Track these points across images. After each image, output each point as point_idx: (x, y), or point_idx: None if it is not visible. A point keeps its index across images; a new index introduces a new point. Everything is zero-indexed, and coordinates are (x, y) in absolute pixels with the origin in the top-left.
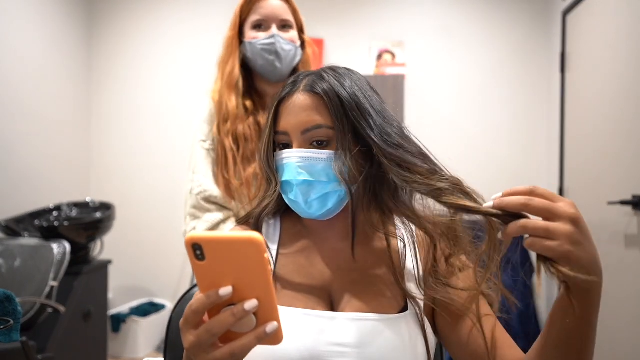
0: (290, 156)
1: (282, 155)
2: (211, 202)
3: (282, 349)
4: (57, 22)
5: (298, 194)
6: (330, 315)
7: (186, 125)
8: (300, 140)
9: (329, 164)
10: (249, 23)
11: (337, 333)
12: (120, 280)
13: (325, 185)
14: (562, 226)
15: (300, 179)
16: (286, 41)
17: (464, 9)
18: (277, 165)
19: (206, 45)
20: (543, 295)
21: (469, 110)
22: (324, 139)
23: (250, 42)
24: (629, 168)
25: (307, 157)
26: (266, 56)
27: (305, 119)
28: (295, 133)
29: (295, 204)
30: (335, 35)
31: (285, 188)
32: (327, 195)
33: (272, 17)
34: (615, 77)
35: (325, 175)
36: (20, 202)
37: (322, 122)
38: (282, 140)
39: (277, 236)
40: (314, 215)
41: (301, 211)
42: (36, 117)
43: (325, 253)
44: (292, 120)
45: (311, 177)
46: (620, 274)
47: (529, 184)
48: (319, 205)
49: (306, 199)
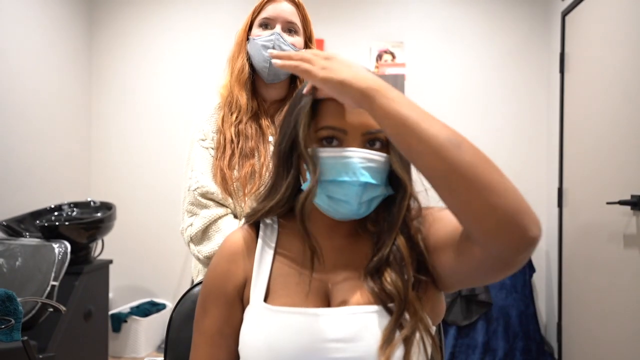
0: (352, 155)
1: (342, 153)
2: (208, 199)
3: (279, 346)
4: (57, 22)
5: (355, 195)
6: (327, 312)
7: (187, 125)
8: (359, 141)
9: (384, 167)
10: (257, 21)
11: (334, 329)
12: (120, 279)
13: (377, 189)
14: (317, 57)
15: (363, 180)
16: (286, 42)
17: (464, 9)
18: (323, 162)
19: (206, 45)
20: (542, 295)
21: (468, 110)
22: (378, 140)
23: (253, 39)
24: (628, 168)
25: (370, 158)
26: (263, 52)
27: (369, 121)
28: (355, 133)
29: (344, 205)
30: (335, 35)
31: (334, 187)
32: (374, 198)
33: (278, 17)
34: (615, 77)
35: (379, 178)
36: (21, 202)
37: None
38: (328, 135)
39: (275, 236)
40: (359, 217)
41: (347, 212)
42: (37, 116)
43: (323, 252)
44: (355, 120)
45: (372, 179)
46: (619, 273)
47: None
48: (367, 207)
49: (359, 201)
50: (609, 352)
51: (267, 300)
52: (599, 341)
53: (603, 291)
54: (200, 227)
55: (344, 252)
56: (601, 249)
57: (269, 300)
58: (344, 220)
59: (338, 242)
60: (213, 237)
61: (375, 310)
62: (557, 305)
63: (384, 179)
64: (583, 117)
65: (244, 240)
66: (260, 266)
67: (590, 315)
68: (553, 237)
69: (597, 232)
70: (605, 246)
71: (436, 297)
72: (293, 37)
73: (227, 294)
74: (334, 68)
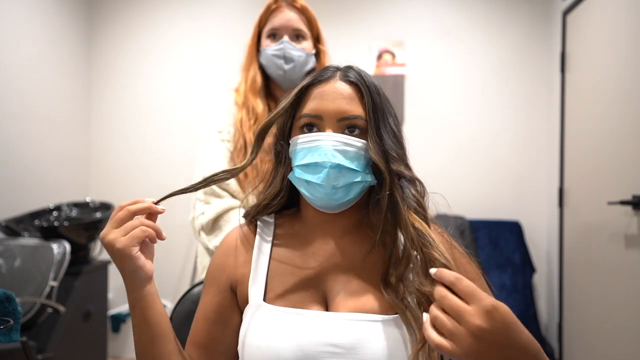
0: (324, 139)
1: (315, 137)
2: (223, 189)
3: (276, 348)
4: (57, 21)
5: (327, 177)
6: (325, 315)
7: (187, 124)
8: (335, 127)
9: (362, 153)
10: (265, 32)
11: (332, 333)
12: (120, 280)
13: (354, 174)
14: (462, 334)
15: (335, 161)
16: (295, 48)
17: (464, 9)
18: (298, 147)
19: (207, 45)
20: (543, 296)
21: (469, 110)
22: (357, 127)
23: (264, 50)
24: (629, 168)
25: (345, 142)
26: (276, 61)
27: (345, 107)
28: (330, 119)
29: (318, 188)
30: (335, 35)
31: (307, 171)
32: (352, 185)
33: (285, 27)
34: (615, 76)
35: (357, 164)
36: (20, 202)
37: (359, 113)
38: (307, 122)
39: (271, 234)
40: (335, 203)
41: (322, 197)
42: (36, 116)
43: (321, 251)
44: (330, 106)
45: (346, 162)
46: (620, 274)
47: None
48: (343, 193)
49: (334, 184)
50: (609, 353)
51: (265, 299)
52: (600, 341)
53: (604, 291)
54: (212, 216)
55: (343, 253)
56: (602, 250)
57: (267, 299)
58: (328, 210)
59: (335, 241)
60: (223, 227)
61: (373, 319)
62: (557, 305)
63: (363, 165)
64: (584, 116)
65: (242, 238)
66: (258, 265)
67: (591, 316)
68: (554, 237)
69: (598, 232)
70: (606, 246)
71: None
72: (301, 44)
73: (219, 284)
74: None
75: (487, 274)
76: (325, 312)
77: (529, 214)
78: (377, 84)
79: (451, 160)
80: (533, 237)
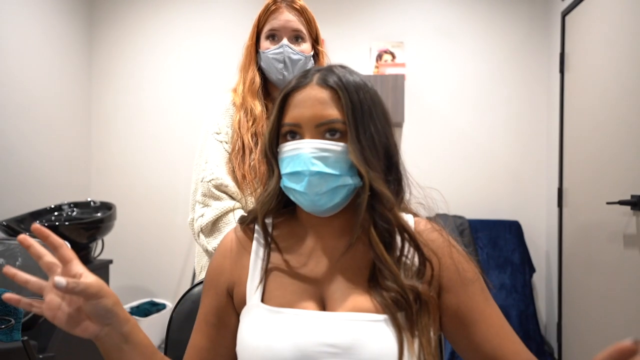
0: (303, 147)
1: (295, 145)
2: (222, 191)
3: (274, 348)
4: (57, 21)
5: (308, 185)
6: (323, 315)
7: (187, 124)
8: (314, 133)
9: (343, 157)
10: (263, 33)
11: (330, 333)
12: (120, 280)
13: (337, 179)
14: None
15: (315, 169)
16: (295, 51)
17: (464, 9)
18: (283, 156)
19: (207, 46)
20: (542, 295)
21: (468, 110)
22: (337, 130)
23: (264, 52)
24: (628, 168)
25: (323, 147)
26: (276, 65)
27: (321, 112)
28: (308, 126)
29: (303, 195)
30: (335, 35)
31: (292, 180)
32: (336, 189)
33: (284, 28)
34: (615, 77)
35: (339, 168)
36: (21, 202)
37: (337, 116)
38: (289, 130)
39: (268, 235)
40: (321, 208)
41: (308, 204)
42: (37, 116)
43: (318, 251)
44: (306, 113)
45: (325, 168)
46: (619, 273)
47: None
48: (328, 199)
49: (317, 191)
50: None
51: (262, 300)
52: (599, 341)
53: (603, 291)
54: (211, 219)
55: (340, 253)
56: (601, 249)
57: (264, 300)
58: (318, 215)
59: (331, 243)
60: (223, 229)
61: (370, 319)
62: (557, 305)
63: (346, 169)
64: (583, 117)
65: (239, 240)
66: (256, 267)
67: (590, 316)
68: (553, 237)
69: (597, 232)
70: (605, 246)
71: (436, 307)
72: (300, 45)
73: (217, 286)
74: None
75: (486, 274)
76: (323, 312)
77: (528, 214)
78: (363, 83)
79: (451, 160)
80: (532, 237)
